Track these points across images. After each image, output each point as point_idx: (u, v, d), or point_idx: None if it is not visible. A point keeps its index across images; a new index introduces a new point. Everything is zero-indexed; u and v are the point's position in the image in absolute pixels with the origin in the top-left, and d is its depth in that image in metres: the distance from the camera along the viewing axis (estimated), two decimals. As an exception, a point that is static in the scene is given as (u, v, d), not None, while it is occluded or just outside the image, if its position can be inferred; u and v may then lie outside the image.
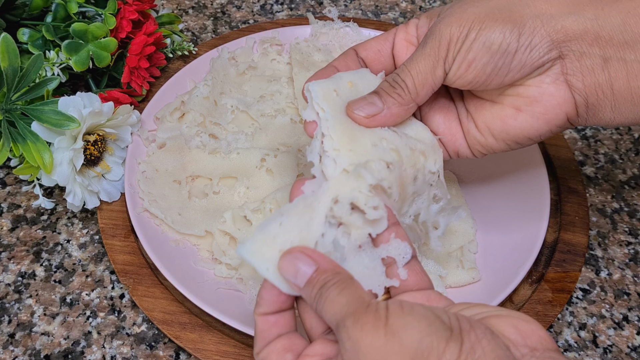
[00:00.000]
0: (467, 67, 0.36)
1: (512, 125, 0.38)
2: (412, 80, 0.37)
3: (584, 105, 0.37)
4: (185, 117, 0.57)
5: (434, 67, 0.37)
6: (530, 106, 0.37)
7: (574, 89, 0.36)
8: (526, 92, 0.37)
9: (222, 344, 0.44)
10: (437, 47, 0.37)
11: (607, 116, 0.37)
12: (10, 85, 0.48)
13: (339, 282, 0.30)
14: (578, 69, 0.36)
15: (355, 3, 0.74)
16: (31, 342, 0.46)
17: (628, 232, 0.53)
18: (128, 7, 0.55)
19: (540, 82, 0.37)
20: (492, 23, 0.36)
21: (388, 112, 0.37)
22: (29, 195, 0.55)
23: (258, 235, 0.31)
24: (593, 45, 0.35)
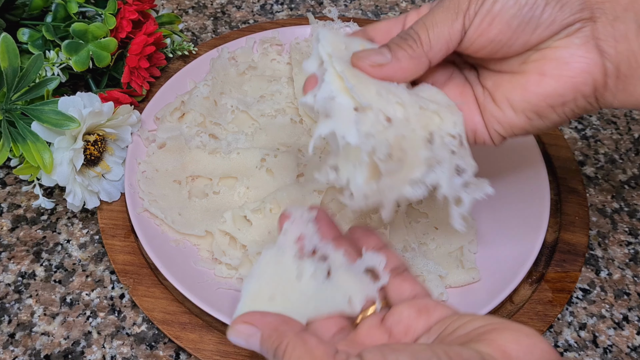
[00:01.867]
0: (491, 20, 0.33)
1: (535, 92, 0.35)
2: (427, 32, 0.34)
3: (614, 75, 0.34)
4: (185, 117, 0.57)
5: (453, 20, 0.34)
6: (558, 69, 0.34)
7: (605, 55, 0.33)
8: (553, 55, 0.34)
9: (222, 344, 0.44)
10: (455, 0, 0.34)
11: (638, 90, 0.34)
12: (10, 85, 0.48)
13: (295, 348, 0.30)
14: (611, 33, 0.33)
15: (355, 3, 0.74)
16: (31, 342, 0.46)
17: (628, 232, 0.53)
18: (128, 7, 0.55)
19: (569, 43, 0.34)
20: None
21: (397, 64, 0.34)
22: (29, 195, 0.55)
23: (243, 302, 0.33)
24: (628, 10, 0.32)
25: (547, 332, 0.47)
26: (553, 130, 0.58)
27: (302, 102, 0.34)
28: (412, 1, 0.75)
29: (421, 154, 0.34)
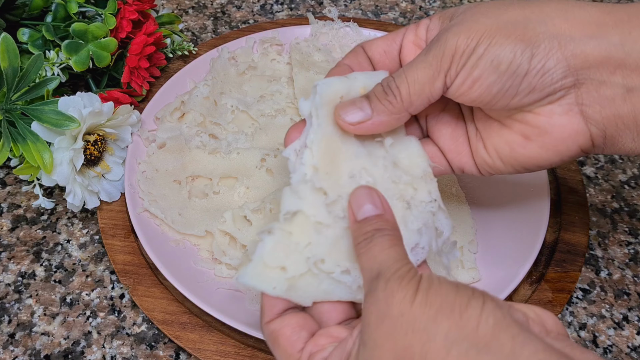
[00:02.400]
0: (471, 84, 0.33)
1: (521, 153, 0.36)
2: (408, 88, 0.34)
3: (601, 137, 0.34)
4: (185, 117, 0.57)
5: (434, 79, 0.34)
6: (540, 137, 0.35)
7: (589, 121, 0.33)
8: (535, 121, 0.34)
9: (222, 344, 0.44)
10: (440, 57, 0.34)
11: (627, 146, 0.34)
12: (10, 85, 0.48)
13: (395, 237, 0.31)
14: (596, 99, 0.33)
15: (355, 3, 0.74)
16: (31, 342, 0.46)
17: (628, 232, 0.53)
18: (128, 7, 0.55)
19: (550, 113, 0.34)
20: (503, 39, 0.32)
21: (377, 120, 0.34)
22: (29, 195, 0.55)
23: (255, 260, 0.32)
24: (615, 74, 0.32)
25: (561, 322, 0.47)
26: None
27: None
28: (412, 1, 0.75)
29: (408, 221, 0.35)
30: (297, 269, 0.32)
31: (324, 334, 0.31)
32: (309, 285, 0.32)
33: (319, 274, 0.32)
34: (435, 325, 0.26)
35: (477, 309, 0.26)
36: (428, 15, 0.73)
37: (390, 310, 0.27)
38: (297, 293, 0.32)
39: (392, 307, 0.27)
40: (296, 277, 0.32)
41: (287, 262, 0.32)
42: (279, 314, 0.33)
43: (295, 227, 0.32)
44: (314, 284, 0.32)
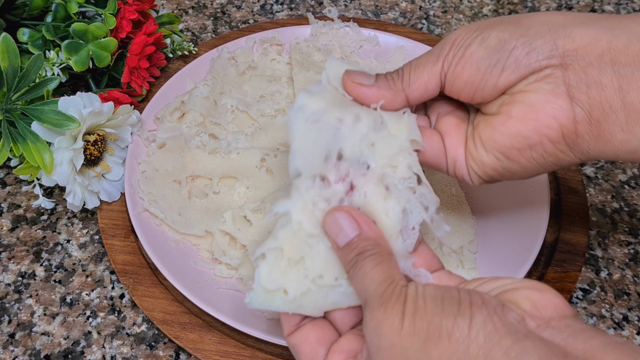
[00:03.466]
0: (464, 64, 0.35)
1: (500, 131, 0.35)
2: (409, 71, 0.37)
3: (586, 121, 0.33)
4: (185, 117, 0.57)
5: (433, 63, 0.36)
6: (523, 112, 0.34)
7: (576, 102, 0.33)
8: (522, 98, 0.34)
9: (222, 344, 0.44)
10: (440, 47, 0.36)
11: (617, 136, 0.33)
12: (10, 85, 0.48)
13: (377, 255, 0.30)
14: (583, 80, 0.32)
15: (355, 3, 0.74)
16: (31, 342, 0.46)
17: (628, 232, 0.53)
18: (128, 7, 0.55)
19: (538, 88, 0.34)
20: (498, 24, 0.35)
21: (376, 89, 0.36)
22: (29, 195, 0.55)
23: (256, 287, 0.32)
24: (604, 55, 0.32)
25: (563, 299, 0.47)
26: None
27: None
28: (412, 1, 0.75)
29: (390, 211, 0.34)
30: (298, 288, 0.32)
31: (337, 350, 0.32)
32: (315, 300, 0.32)
33: (322, 288, 0.32)
34: (425, 355, 0.26)
35: (464, 328, 0.26)
36: (428, 16, 0.73)
37: (381, 341, 0.27)
38: (306, 309, 0.32)
39: (382, 338, 0.27)
40: (298, 296, 0.32)
41: (286, 283, 0.32)
42: (297, 325, 0.33)
43: (286, 243, 0.32)
44: (320, 298, 0.32)
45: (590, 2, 0.75)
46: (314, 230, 0.32)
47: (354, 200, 0.33)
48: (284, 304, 0.32)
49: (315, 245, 0.32)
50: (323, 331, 0.33)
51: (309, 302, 0.32)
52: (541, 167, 0.36)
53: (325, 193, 0.33)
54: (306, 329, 0.33)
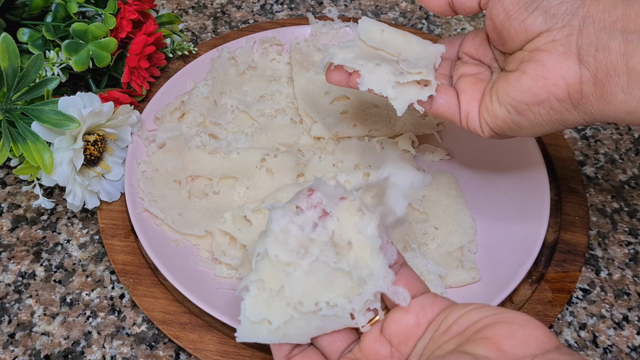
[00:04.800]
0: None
1: (514, 86, 0.38)
2: None
3: (591, 82, 0.35)
4: (185, 117, 0.57)
5: None
6: (535, 69, 0.37)
7: (584, 63, 0.35)
8: (537, 56, 0.37)
9: (222, 344, 0.44)
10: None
11: (618, 97, 0.35)
12: (10, 85, 0.48)
13: None
14: (593, 43, 0.35)
15: (355, 3, 0.74)
16: (31, 342, 0.46)
17: (628, 232, 0.53)
18: (128, 7, 0.55)
19: (552, 48, 0.36)
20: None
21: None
22: (29, 195, 0.55)
23: (243, 320, 0.33)
24: (617, 22, 0.35)
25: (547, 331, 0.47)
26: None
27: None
28: (412, 1, 0.75)
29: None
30: (280, 318, 0.32)
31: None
32: (299, 327, 0.33)
33: (304, 315, 0.33)
34: None
35: None
36: (428, 16, 0.73)
37: None
38: (292, 337, 0.33)
39: None
40: (282, 325, 0.32)
41: (269, 313, 0.32)
42: (287, 356, 0.33)
43: (265, 274, 0.33)
44: (303, 325, 0.33)
45: None
46: (289, 259, 0.32)
47: (327, 224, 0.33)
48: (270, 334, 0.32)
49: (292, 273, 0.32)
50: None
51: (293, 330, 0.33)
52: (547, 124, 0.38)
53: (298, 219, 0.33)
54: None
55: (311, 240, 0.33)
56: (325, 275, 0.33)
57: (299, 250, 0.33)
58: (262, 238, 0.33)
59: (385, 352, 0.32)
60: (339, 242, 0.33)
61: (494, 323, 0.28)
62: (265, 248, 0.33)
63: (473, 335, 0.28)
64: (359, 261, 0.33)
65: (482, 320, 0.29)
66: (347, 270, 0.32)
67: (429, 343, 0.31)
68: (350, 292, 0.33)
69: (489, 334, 0.28)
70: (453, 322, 0.30)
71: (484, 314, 0.29)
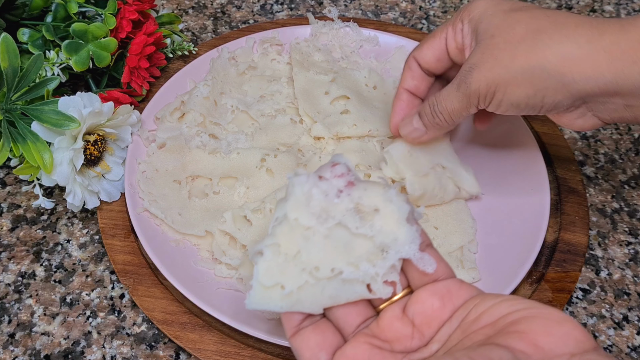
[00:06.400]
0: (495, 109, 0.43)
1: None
2: (450, 117, 0.45)
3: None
4: (185, 117, 0.57)
5: (467, 108, 0.43)
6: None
7: (602, 119, 0.42)
8: (558, 121, 0.43)
9: (222, 344, 0.44)
10: (468, 96, 0.42)
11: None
12: (10, 85, 0.48)
13: None
14: (603, 110, 0.41)
15: (355, 3, 0.74)
16: (31, 342, 0.46)
17: (628, 232, 0.53)
18: (128, 7, 0.55)
19: (570, 117, 0.42)
20: (516, 89, 0.40)
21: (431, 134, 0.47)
22: (29, 195, 0.55)
23: (255, 285, 0.32)
24: (615, 97, 0.39)
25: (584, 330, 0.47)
26: (552, 130, 0.58)
27: None
28: (412, 1, 0.75)
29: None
30: (294, 283, 0.32)
31: (341, 356, 0.31)
32: (312, 295, 0.32)
33: (319, 282, 0.32)
34: None
35: None
36: (428, 16, 0.73)
37: None
38: (304, 305, 0.32)
39: None
40: (295, 291, 0.32)
41: (283, 278, 0.32)
42: (298, 326, 0.32)
43: (282, 238, 0.32)
44: (317, 292, 0.32)
45: (590, 2, 0.75)
46: (309, 223, 0.32)
47: (353, 192, 0.32)
48: (282, 300, 0.32)
49: (311, 237, 0.32)
50: (324, 335, 0.32)
51: (306, 297, 0.32)
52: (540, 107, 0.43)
53: (323, 185, 0.32)
54: (307, 332, 0.32)
55: (334, 206, 0.32)
56: (345, 241, 0.32)
57: (320, 215, 0.32)
58: (281, 204, 0.33)
59: (406, 332, 0.31)
60: (364, 209, 0.32)
61: (528, 317, 0.28)
62: (285, 212, 0.32)
63: (506, 327, 0.27)
64: (384, 227, 0.32)
65: (516, 313, 0.28)
66: (370, 235, 0.32)
67: (456, 330, 0.30)
68: (372, 257, 0.32)
69: (523, 328, 0.27)
70: (483, 312, 0.29)
71: (517, 306, 0.28)
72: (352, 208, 0.32)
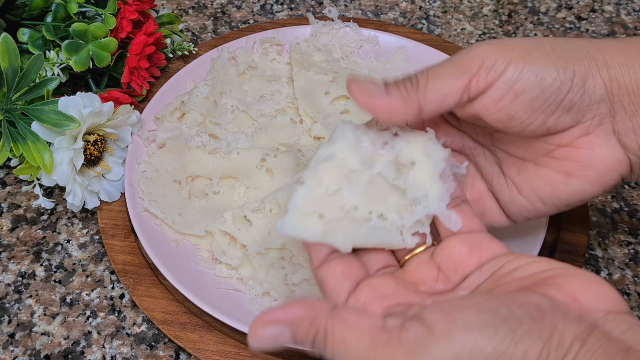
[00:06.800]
0: (512, 98, 0.32)
1: (564, 190, 0.35)
2: (427, 80, 0.32)
3: (639, 163, 0.34)
4: (185, 117, 0.57)
5: (457, 76, 0.32)
6: (583, 170, 0.34)
7: (628, 149, 0.34)
8: (576, 156, 0.34)
9: (222, 344, 0.44)
10: (467, 61, 0.32)
11: None
12: (10, 85, 0.48)
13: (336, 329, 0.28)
14: (630, 128, 0.33)
15: (355, 3, 0.74)
16: (31, 342, 0.46)
17: (628, 232, 0.53)
18: (128, 7, 0.55)
19: (590, 144, 0.34)
20: (542, 56, 0.32)
21: (386, 99, 0.32)
22: (29, 195, 0.55)
23: (292, 209, 0.32)
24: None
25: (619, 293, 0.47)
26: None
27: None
28: (412, 1, 0.75)
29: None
30: (333, 214, 0.32)
31: (366, 286, 0.31)
32: (347, 229, 0.32)
33: (356, 219, 0.32)
34: None
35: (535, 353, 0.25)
36: (428, 16, 0.73)
37: None
38: (337, 239, 0.32)
39: None
40: (333, 221, 0.32)
41: (322, 208, 0.32)
42: (324, 258, 0.32)
43: (325, 174, 0.32)
44: (352, 229, 0.32)
45: (590, 2, 0.75)
46: (355, 166, 0.33)
47: (396, 144, 0.34)
48: (316, 229, 0.32)
49: (354, 180, 0.33)
50: (350, 266, 0.32)
51: (340, 231, 0.32)
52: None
53: (371, 134, 0.34)
54: (334, 263, 0.32)
55: (378, 156, 0.33)
56: (381, 190, 0.33)
57: (365, 162, 0.33)
58: (326, 145, 0.33)
59: (431, 274, 0.31)
60: (403, 160, 0.33)
61: (567, 274, 0.28)
62: (332, 152, 0.33)
63: (543, 280, 0.27)
64: (417, 181, 0.33)
65: (553, 270, 0.28)
66: (403, 187, 0.33)
67: (487, 281, 0.29)
68: (402, 209, 0.33)
69: (562, 282, 0.27)
70: (518, 267, 0.29)
71: (554, 265, 0.28)
72: (392, 160, 0.34)
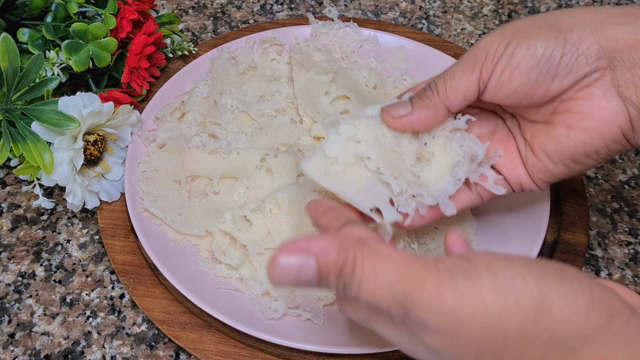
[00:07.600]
0: (510, 73, 0.35)
1: (566, 143, 0.37)
2: (444, 83, 0.37)
3: (639, 116, 0.35)
4: (185, 117, 0.57)
5: (470, 72, 0.36)
6: (582, 121, 0.36)
7: (627, 101, 0.35)
8: (576, 107, 0.36)
9: (222, 344, 0.44)
10: (474, 54, 0.36)
11: None
12: (10, 85, 0.48)
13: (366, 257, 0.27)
14: (630, 80, 0.34)
15: (355, 3, 0.74)
16: (31, 342, 0.46)
17: (628, 232, 0.53)
18: (128, 7, 0.55)
19: (589, 95, 0.35)
20: (536, 32, 0.35)
21: (416, 114, 0.37)
22: (29, 195, 0.55)
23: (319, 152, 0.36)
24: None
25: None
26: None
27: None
28: (412, 1, 0.75)
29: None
30: (346, 161, 0.36)
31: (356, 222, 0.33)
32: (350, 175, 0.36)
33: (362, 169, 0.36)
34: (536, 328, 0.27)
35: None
36: (428, 16, 0.73)
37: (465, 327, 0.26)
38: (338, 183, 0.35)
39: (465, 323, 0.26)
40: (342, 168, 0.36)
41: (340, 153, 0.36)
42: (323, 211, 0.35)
43: (362, 126, 0.36)
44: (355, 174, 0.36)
45: (590, 1, 0.75)
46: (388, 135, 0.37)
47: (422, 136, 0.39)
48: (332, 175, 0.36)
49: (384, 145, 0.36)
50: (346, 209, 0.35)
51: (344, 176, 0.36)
52: (604, 160, 0.38)
53: None
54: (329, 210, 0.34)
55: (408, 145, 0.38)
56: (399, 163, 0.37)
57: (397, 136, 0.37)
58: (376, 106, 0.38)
59: None
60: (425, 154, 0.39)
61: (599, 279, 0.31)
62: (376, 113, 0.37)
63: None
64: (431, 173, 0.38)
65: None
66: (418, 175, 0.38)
67: None
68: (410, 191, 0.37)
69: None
70: None
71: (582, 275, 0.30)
72: (416, 150, 0.38)
